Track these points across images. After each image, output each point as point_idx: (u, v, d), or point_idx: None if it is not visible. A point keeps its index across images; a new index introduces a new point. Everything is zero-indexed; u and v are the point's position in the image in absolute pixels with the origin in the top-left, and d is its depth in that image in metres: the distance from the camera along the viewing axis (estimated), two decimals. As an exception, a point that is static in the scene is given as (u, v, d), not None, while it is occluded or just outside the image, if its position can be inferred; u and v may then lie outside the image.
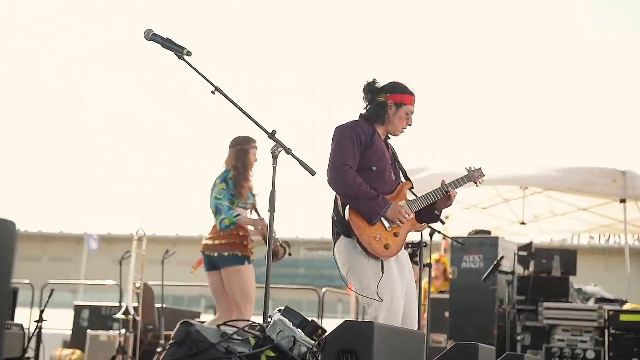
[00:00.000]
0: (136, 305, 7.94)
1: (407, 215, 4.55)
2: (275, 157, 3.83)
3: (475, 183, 4.96)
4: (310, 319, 2.45)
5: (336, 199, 4.60)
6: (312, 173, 3.93)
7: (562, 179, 9.81)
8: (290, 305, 2.60)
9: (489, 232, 8.98)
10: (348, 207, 4.46)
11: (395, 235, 4.53)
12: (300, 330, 2.37)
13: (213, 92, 3.76)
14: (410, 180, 4.83)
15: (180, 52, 3.69)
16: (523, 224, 11.22)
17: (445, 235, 6.75)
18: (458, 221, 11.52)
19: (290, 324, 2.35)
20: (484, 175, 4.98)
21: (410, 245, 5.44)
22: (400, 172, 4.83)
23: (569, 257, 8.92)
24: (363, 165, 4.54)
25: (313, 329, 2.43)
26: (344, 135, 4.53)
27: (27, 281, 11.28)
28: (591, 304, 8.82)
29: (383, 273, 4.45)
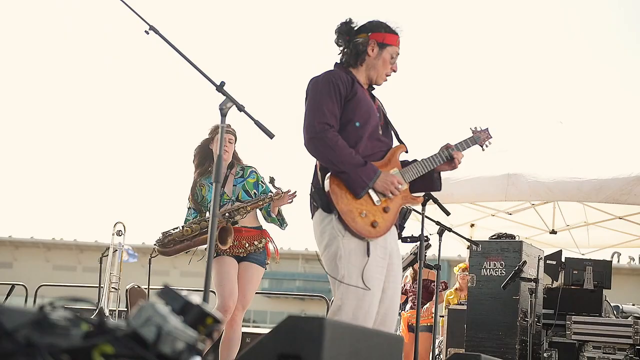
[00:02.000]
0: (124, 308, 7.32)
1: (399, 186, 3.77)
2: (223, 115, 3.09)
3: (481, 146, 4.19)
4: (197, 303, 1.68)
5: (315, 166, 3.83)
6: (270, 135, 3.18)
7: (598, 189, 8.85)
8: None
9: (512, 236, 8.11)
10: (328, 175, 3.67)
11: (385, 210, 3.75)
12: (177, 318, 1.60)
13: (147, 32, 3.04)
14: (403, 143, 4.03)
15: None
16: (553, 232, 10.31)
17: (458, 235, 5.93)
18: (482, 229, 10.64)
19: (162, 309, 1.58)
20: (491, 137, 4.20)
21: (409, 240, 4.64)
22: (392, 133, 4.04)
23: (602, 268, 8.12)
24: (343, 120, 3.76)
25: (198, 317, 1.67)
26: (319, 89, 3.74)
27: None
28: (628, 320, 7.95)
29: (369, 256, 3.67)
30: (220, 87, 3.08)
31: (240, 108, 3.11)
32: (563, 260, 8.13)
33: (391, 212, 3.78)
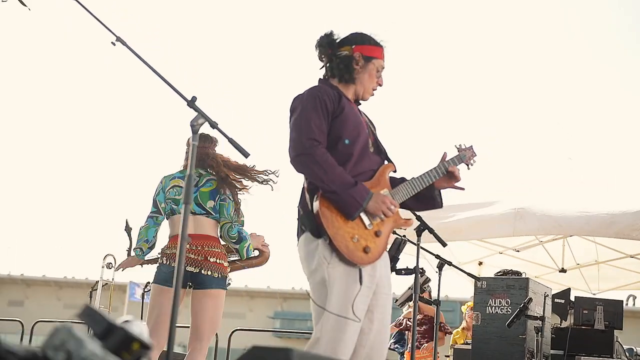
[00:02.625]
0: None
1: (392, 207, 3.52)
2: (195, 132, 2.88)
3: (467, 165, 3.96)
4: (122, 325, 1.45)
5: (303, 187, 3.60)
6: (245, 154, 2.97)
7: (608, 224, 8.57)
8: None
9: (518, 273, 7.85)
10: (318, 196, 3.42)
11: (377, 234, 3.50)
12: (96, 343, 1.37)
13: (113, 43, 2.86)
14: (391, 162, 3.79)
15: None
16: (563, 270, 10.01)
17: (459, 269, 5.67)
18: (490, 267, 10.36)
19: (79, 333, 1.36)
20: (476, 155, 3.99)
21: (404, 272, 4.38)
22: (381, 150, 3.81)
23: (614, 308, 7.83)
24: (331, 138, 3.53)
25: (122, 341, 1.44)
26: (305, 105, 3.52)
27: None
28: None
29: (361, 284, 3.41)
30: (191, 103, 2.89)
31: (213, 125, 2.91)
32: (572, 299, 7.87)
33: (383, 236, 3.54)
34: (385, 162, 3.77)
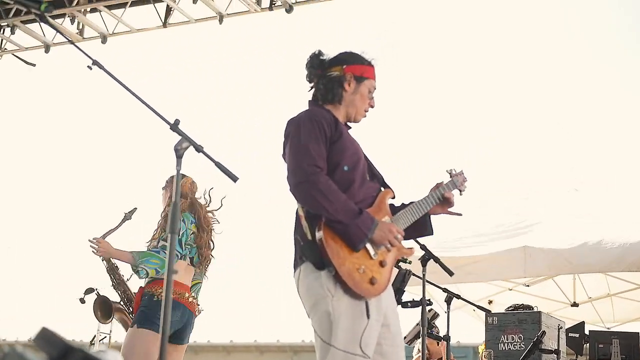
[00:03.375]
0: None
1: (398, 236, 3.34)
2: (179, 157, 2.72)
3: (460, 190, 3.78)
4: (80, 348, 1.26)
5: (298, 216, 3.37)
6: (234, 179, 2.80)
7: (619, 257, 8.32)
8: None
9: (530, 307, 7.61)
10: (321, 225, 3.21)
11: (382, 264, 3.30)
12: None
13: (90, 67, 2.72)
14: (389, 187, 3.60)
15: (36, 7, 2.66)
16: (575, 305, 9.76)
17: (467, 302, 5.46)
18: (500, 305, 10.11)
19: (30, 357, 1.18)
20: (467, 179, 3.82)
21: (410, 305, 4.17)
22: (377, 176, 3.63)
23: (630, 340, 7.56)
24: (330, 164, 3.35)
25: (80, 364, 1.26)
26: (302, 130, 3.34)
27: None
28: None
29: (369, 318, 3.20)
30: (174, 126, 2.73)
31: (199, 149, 2.76)
32: (587, 332, 7.62)
33: (388, 266, 3.34)
34: (382, 188, 3.58)
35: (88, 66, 2.72)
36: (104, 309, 5.40)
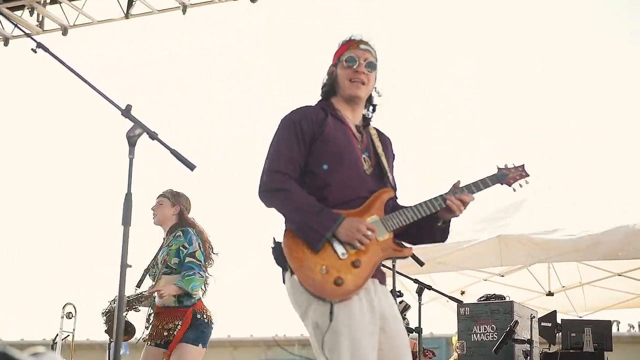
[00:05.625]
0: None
1: (368, 233, 3.14)
2: (132, 145, 2.58)
3: (510, 186, 3.42)
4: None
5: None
6: (191, 167, 2.68)
7: (592, 246, 8.24)
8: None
9: (502, 297, 7.57)
10: (286, 228, 3.16)
11: (354, 265, 3.10)
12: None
13: (34, 50, 2.58)
14: (391, 187, 3.40)
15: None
16: (550, 294, 9.72)
17: (439, 292, 5.37)
18: (473, 297, 10.05)
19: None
20: (528, 175, 3.45)
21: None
22: (387, 176, 3.42)
23: (602, 329, 7.61)
24: (312, 164, 3.26)
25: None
26: (278, 132, 3.32)
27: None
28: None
29: (330, 321, 3.01)
30: (126, 112, 2.60)
31: (153, 136, 2.62)
32: (559, 321, 7.59)
33: (364, 266, 3.13)
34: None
35: (32, 49, 2.58)
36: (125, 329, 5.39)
